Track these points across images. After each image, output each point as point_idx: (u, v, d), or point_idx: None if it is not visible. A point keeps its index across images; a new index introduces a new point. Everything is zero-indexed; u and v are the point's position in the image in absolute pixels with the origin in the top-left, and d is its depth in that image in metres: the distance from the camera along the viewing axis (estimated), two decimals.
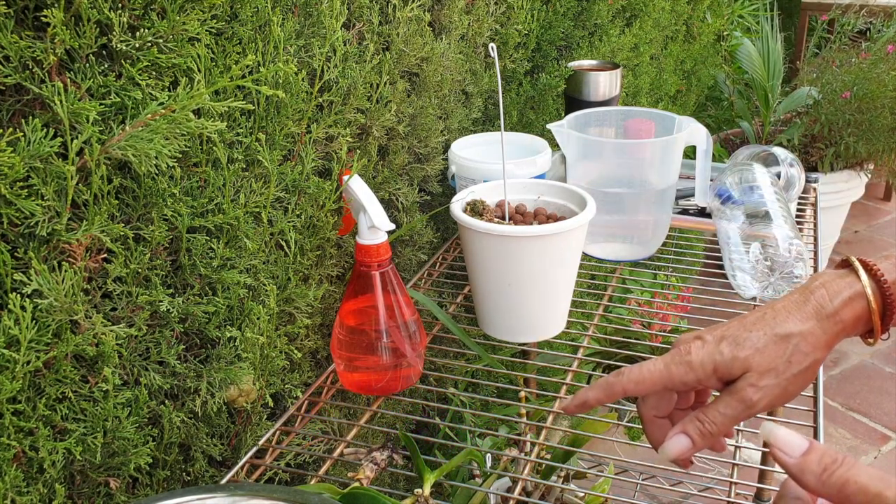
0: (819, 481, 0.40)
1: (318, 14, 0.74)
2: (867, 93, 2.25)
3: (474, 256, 0.80)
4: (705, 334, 0.52)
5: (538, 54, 1.30)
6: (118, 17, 0.52)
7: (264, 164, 0.69)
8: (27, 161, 0.49)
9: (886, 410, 1.93)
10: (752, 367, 0.50)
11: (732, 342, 0.51)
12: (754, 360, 0.50)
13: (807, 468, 0.40)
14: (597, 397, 0.54)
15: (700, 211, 1.10)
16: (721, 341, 0.51)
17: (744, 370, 0.50)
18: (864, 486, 0.39)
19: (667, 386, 0.52)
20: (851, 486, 0.39)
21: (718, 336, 0.52)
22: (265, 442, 0.73)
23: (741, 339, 0.51)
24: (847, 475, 0.39)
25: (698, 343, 0.52)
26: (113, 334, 0.57)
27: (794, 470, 0.41)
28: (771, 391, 0.50)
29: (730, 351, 0.50)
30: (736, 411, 0.50)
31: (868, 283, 0.51)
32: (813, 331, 0.50)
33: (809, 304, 0.51)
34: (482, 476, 1.02)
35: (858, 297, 0.51)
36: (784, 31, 2.68)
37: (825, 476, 0.40)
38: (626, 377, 0.52)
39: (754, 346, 0.50)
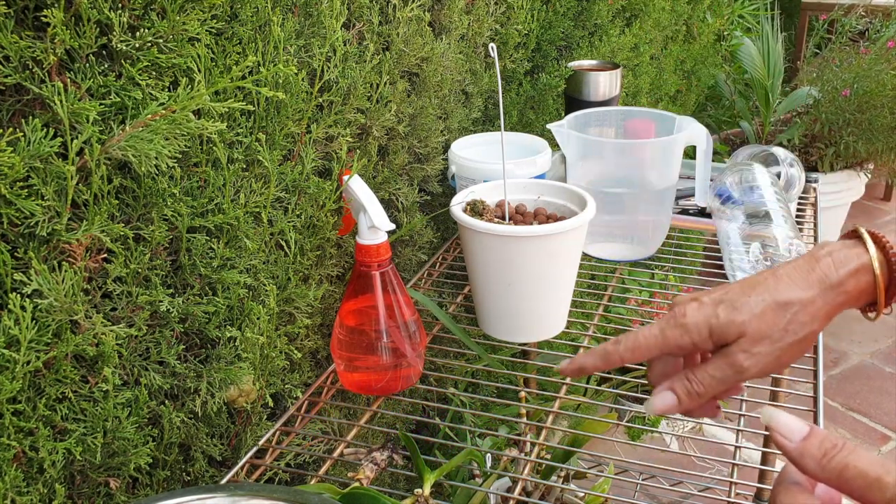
0: (819, 466, 0.40)
1: (318, 14, 0.74)
2: (867, 91, 2.25)
3: (474, 256, 0.80)
4: (703, 296, 0.51)
5: (538, 54, 1.30)
6: (118, 17, 0.52)
7: (264, 164, 0.69)
8: (27, 161, 0.49)
9: (886, 410, 1.93)
10: (746, 332, 0.49)
11: (730, 305, 0.50)
12: (750, 325, 0.49)
13: (807, 452, 0.40)
14: (594, 364, 0.53)
15: (700, 211, 1.10)
16: (718, 304, 0.50)
17: (738, 335, 0.49)
18: (863, 470, 0.38)
19: (663, 350, 0.51)
20: (851, 470, 0.39)
21: (717, 298, 0.51)
22: (265, 442, 0.73)
23: (739, 302, 0.50)
24: (846, 460, 0.39)
25: (694, 305, 0.51)
26: (113, 334, 0.57)
27: (794, 454, 0.41)
28: (763, 358, 0.50)
29: (726, 314, 0.50)
30: (725, 375, 0.50)
31: (876, 254, 0.50)
32: (814, 300, 0.50)
33: (814, 273, 0.50)
34: (482, 476, 1.02)
35: (865, 268, 0.50)
36: (784, 31, 2.68)
37: (825, 461, 0.40)
38: (622, 345, 0.52)
39: (751, 312, 0.49)
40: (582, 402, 1.33)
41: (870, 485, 0.38)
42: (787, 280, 0.50)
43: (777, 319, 0.49)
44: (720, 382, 0.50)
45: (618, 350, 0.52)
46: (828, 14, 2.82)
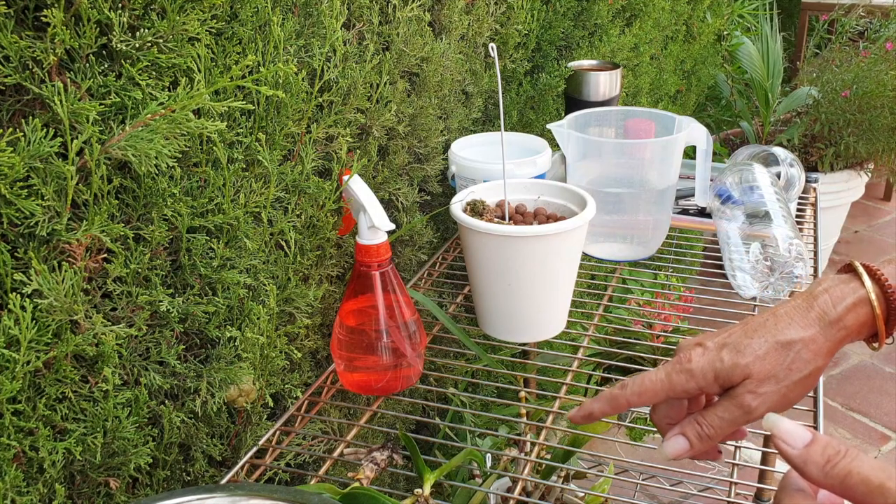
0: (822, 472, 0.40)
1: (318, 14, 0.74)
2: (867, 92, 2.25)
3: (474, 256, 0.80)
4: (706, 340, 0.52)
5: (538, 54, 1.30)
6: (118, 17, 0.52)
7: (264, 164, 0.69)
8: (27, 161, 0.49)
9: (886, 410, 1.93)
10: (752, 374, 0.50)
11: (733, 349, 0.51)
12: (754, 366, 0.50)
13: (810, 459, 0.40)
14: (602, 410, 0.54)
15: (700, 211, 1.10)
16: (722, 348, 0.51)
17: (744, 377, 0.50)
18: (866, 477, 0.39)
19: (669, 395, 0.52)
20: (854, 477, 0.39)
21: (720, 343, 0.52)
22: (265, 442, 0.73)
23: (742, 345, 0.51)
24: (850, 466, 0.39)
25: (699, 350, 0.52)
26: (113, 334, 0.57)
27: (797, 461, 0.41)
28: (770, 398, 0.50)
29: (730, 358, 0.50)
30: (734, 416, 0.51)
31: (872, 288, 0.51)
32: (815, 338, 0.50)
33: (813, 311, 0.51)
34: (482, 476, 1.02)
35: (862, 302, 0.50)
36: (784, 31, 2.68)
37: (828, 467, 0.40)
38: (629, 389, 0.53)
39: (755, 353, 0.50)
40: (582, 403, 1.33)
41: (872, 491, 0.38)
42: (786, 319, 0.51)
43: (781, 359, 0.50)
44: (729, 424, 0.51)
45: (624, 394, 0.53)
46: (828, 14, 2.82)
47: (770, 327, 0.51)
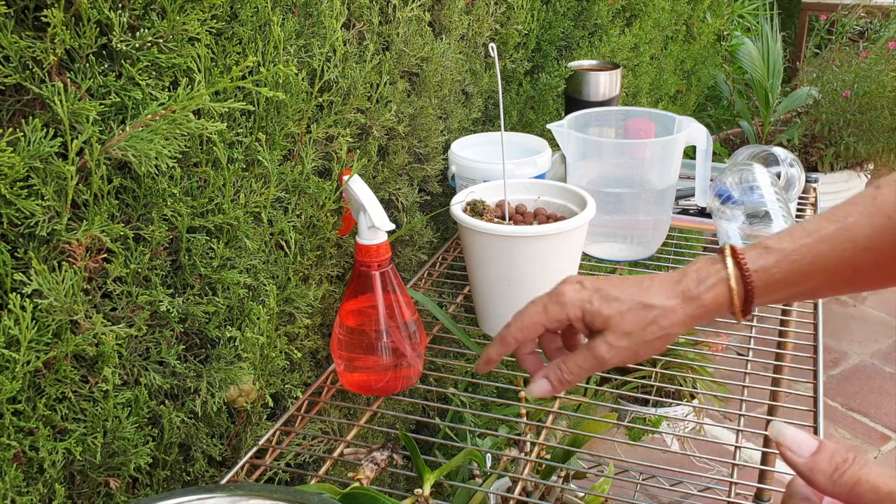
0: (830, 480, 0.40)
1: (318, 14, 0.74)
2: (867, 92, 2.25)
3: (474, 256, 0.80)
4: (586, 280, 0.57)
5: (538, 54, 1.30)
6: (118, 17, 0.52)
7: (264, 164, 0.69)
8: (27, 161, 0.49)
9: (886, 410, 1.93)
10: (611, 326, 0.55)
11: (603, 297, 0.56)
12: (615, 320, 0.55)
13: (817, 467, 0.40)
14: (497, 351, 0.59)
15: (700, 211, 1.10)
16: (595, 292, 0.56)
17: (604, 326, 0.55)
18: (875, 484, 0.38)
19: (546, 326, 0.57)
20: (863, 484, 0.39)
21: (595, 286, 0.57)
22: (265, 442, 0.73)
23: (611, 297, 0.55)
24: (858, 474, 0.39)
25: (576, 286, 0.57)
26: (113, 334, 0.57)
27: (804, 469, 0.41)
28: (623, 352, 0.55)
29: (599, 304, 0.55)
30: (590, 364, 0.56)
31: (733, 270, 0.54)
32: (675, 309, 0.55)
33: (679, 285, 0.55)
34: (482, 476, 1.02)
35: (722, 283, 0.54)
36: (784, 31, 2.68)
37: (836, 475, 0.40)
38: (513, 326, 0.58)
39: (618, 308, 0.55)
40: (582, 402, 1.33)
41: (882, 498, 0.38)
42: (656, 286, 0.56)
43: (639, 318, 0.55)
44: (585, 371, 0.57)
45: (510, 332, 0.58)
46: (828, 14, 2.82)
47: (641, 289, 0.56)
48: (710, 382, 1.55)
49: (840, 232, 0.53)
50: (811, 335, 0.87)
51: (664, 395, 1.59)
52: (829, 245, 0.53)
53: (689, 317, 0.55)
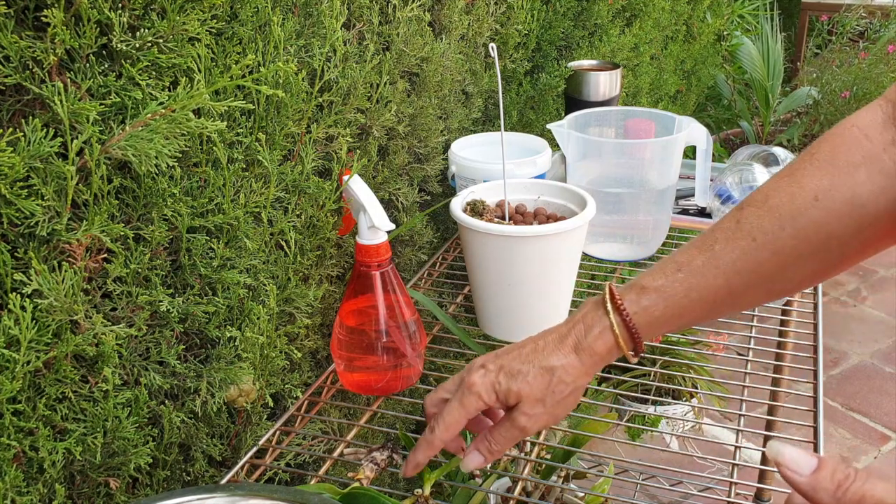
0: (833, 498, 0.39)
1: (318, 14, 0.74)
2: (867, 93, 2.25)
3: (474, 256, 0.80)
4: (488, 363, 0.59)
5: (538, 54, 1.30)
6: (118, 17, 0.52)
7: (264, 164, 0.69)
8: (27, 161, 0.49)
9: (886, 410, 1.93)
10: (523, 398, 0.57)
11: (508, 374, 0.58)
12: (524, 391, 0.57)
13: (819, 486, 0.40)
14: (426, 455, 0.60)
15: (700, 211, 1.10)
16: (500, 371, 0.58)
17: (517, 400, 0.57)
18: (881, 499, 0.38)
19: (469, 418, 0.59)
20: (868, 500, 0.38)
21: (498, 366, 0.59)
22: (265, 442, 0.73)
23: (515, 371, 0.58)
24: (863, 490, 0.39)
25: (481, 372, 0.59)
26: (113, 334, 0.57)
27: (805, 488, 0.40)
28: (540, 417, 0.58)
29: (506, 382, 0.57)
30: (513, 434, 0.59)
31: (614, 318, 0.56)
32: (573, 363, 0.57)
33: (569, 339, 0.58)
34: (482, 476, 1.02)
35: (606, 330, 0.57)
36: (784, 31, 2.68)
37: (839, 493, 0.39)
38: (438, 430, 0.59)
39: (525, 380, 0.57)
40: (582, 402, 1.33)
41: None
42: (551, 347, 0.58)
43: (545, 383, 0.57)
44: (511, 440, 0.59)
45: (437, 436, 0.59)
46: (828, 14, 2.82)
47: (538, 353, 0.58)
48: (710, 382, 1.55)
49: (709, 262, 0.55)
50: (811, 335, 0.87)
51: (663, 395, 1.59)
52: (699, 277, 0.55)
53: (589, 366, 0.57)
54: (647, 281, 0.56)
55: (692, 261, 0.55)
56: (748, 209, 0.54)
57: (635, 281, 0.57)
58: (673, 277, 0.55)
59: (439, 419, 0.59)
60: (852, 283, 2.53)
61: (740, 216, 0.55)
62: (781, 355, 0.96)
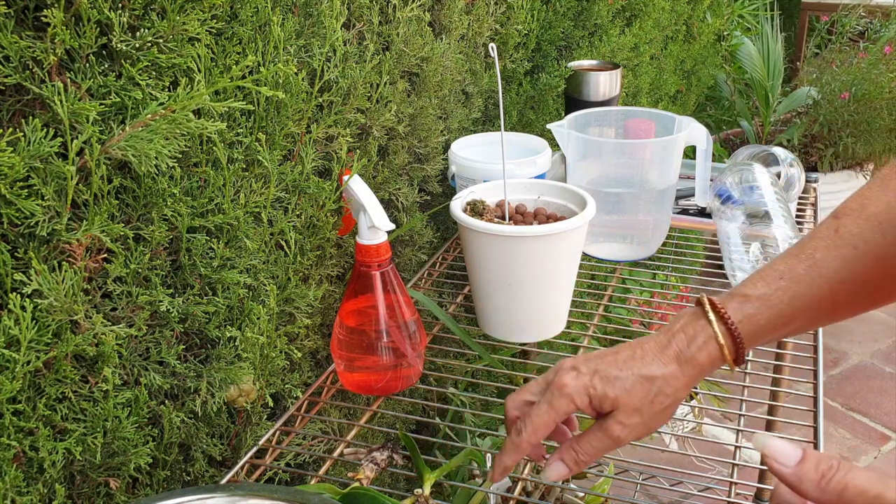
0: (818, 488, 0.40)
1: (318, 14, 0.74)
2: (865, 94, 2.26)
3: (474, 256, 0.80)
4: (580, 364, 0.57)
5: (538, 54, 1.30)
6: (118, 17, 0.52)
7: (264, 164, 0.69)
8: (27, 161, 0.49)
9: (886, 410, 1.93)
10: (619, 406, 0.55)
11: (604, 379, 0.55)
12: (622, 399, 0.54)
13: (804, 476, 0.41)
14: (512, 459, 0.58)
15: (700, 211, 1.10)
16: (594, 375, 0.55)
17: (613, 408, 0.55)
18: (863, 489, 0.39)
19: (557, 421, 0.57)
20: (851, 489, 0.39)
21: (592, 369, 0.56)
22: (265, 442, 0.73)
23: (612, 376, 0.55)
24: (845, 479, 0.40)
25: (573, 374, 0.56)
26: (113, 334, 0.57)
27: (791, 479, 0.41)
28: (636, 428, 0.55)
29: (602, 387, 0.55)
30: (604, 444, 0.56)
31: (718, 327, 0.55)
32: (674, 374, 0.55)
33: (671, 349, 0.55)
34: (482, 476, 1.02)
35: (711, 340, 0.55)
36: (784, 31, 2.68)
37: (823, 483, 0.40)
38: (526, 433, 0.57)
39: (623, 387, 0.55)
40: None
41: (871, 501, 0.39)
42: (650, 356, 0.56)
43: (645, 392, 0.55)
44: (600, 451, 0.57)
45: (524, 438, 0.57)
46: (828, 14, 2.82)
47: (636, 361, 0.55)
48: (710, 382, 1.55)
49: (811, 270, 0.54)
50: (811, 335, 0.87)
51: None
52: (803, 285, 0.54)
53: (690, 378, 0.55)
54: (748, 289, 0.55)
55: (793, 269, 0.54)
56: (845, 218, 0.54)
57: (735, 290, 0.56)
58: (776, 285, 0.54)
59: (527, 421, 0.57)
60: None
61: (838, 225, 0.54)
62: (781, 355, 0.96)
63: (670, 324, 0.57)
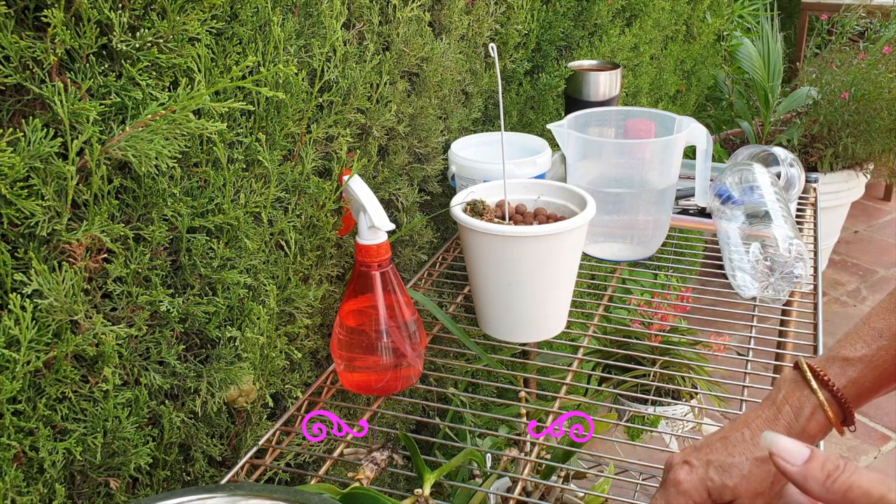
0: (823, 488, 0.41)
1: (318, 14, 0.74)
2: (865, 94, 2.26)
3: (474, 256, 0.80)
4: (691, 457, 0.55)
5: (538, 54, 1.30)
6: (118, 17, 0.52)
7: (264, 164, 0.69)
8: (27, 161, 0.49)
9: (886, 410, 1.93)
10: (741, 493, 0.53)
11: (720, 468, 0.54)
12: (741, 487, 0.53)
13: (810, 475, 0.42)
14: None
15: (700, 211, 1.10)
16: (709, 466, 0.54)
17: (734, 497, 0.53)
18: (867, 490, 0.40)
19: None
20: (855, 490, 0.40)
21: (705, 460, 0.55)
22: (265, 442, 0.73)
23: (727, 465, 0.54)
24: (850, 480, 0.40)
25: (686, 468, 0.55)
26: (113, 334, 0.57)
27: (797, 478, 0.42)
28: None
29: (720, 478, 0.54)
30: None
31: (821, 394, 0.54)
32: None
33: (780, 423, 0.55)
34: (482, 476, 1.02)
35: (818, 409, 0.54)
36: (784, 31, 2.68)
37: (829, 483, 0.41)
38: None
39: (741, 474, 0.53)
40: (582, 402, 1.33)
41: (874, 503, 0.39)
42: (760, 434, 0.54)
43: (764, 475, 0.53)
44: None
45: None
46: (828, 14, 2.82)
47: (748, 443, 0.54)
48: (710, 382, 1.55)
49: None
50: (811, 335, 0.87)
51: (663, 395, 1.59)
52: None
53: None
54: (847, 352, 0.54)
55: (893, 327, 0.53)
56: None
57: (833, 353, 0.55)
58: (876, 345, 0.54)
59: None
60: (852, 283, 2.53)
61: None
62: (781, 355, 0.96)
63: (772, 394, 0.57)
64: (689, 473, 0.54)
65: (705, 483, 0.54)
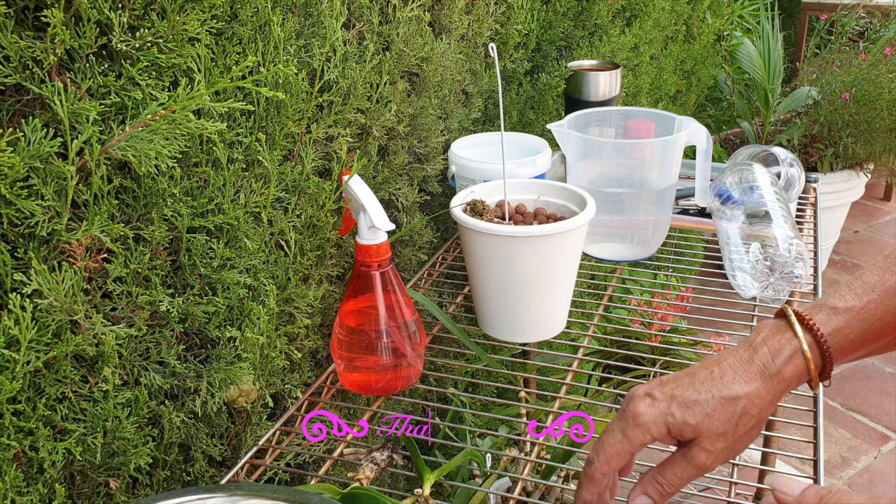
0: None
1: (318, 14, 0.74)
2: (865, 94, 2.25)
3: (474, 256, 0.80)
4: (654, 390, 0.53)
5: (538, 54, 1.30)
6: (118, 17, 0.52)
7: (264, 164, 0.69)
8: (27, 161, 0.49)
9: (886, 410, 1.93)
10: (702, 433, 0.52)
11: (683, 405, 0.52)
12: (704, 425, 0.51)
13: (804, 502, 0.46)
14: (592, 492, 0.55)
15: (700, 211, 1.10)
16: (672, 401, 0.52)
17: (695, 435, 0.52)
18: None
19: (631, 452, 0.54)
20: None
21: (668, 395, 0.53)
22: (265, 442, 0.73)
23: (690, 402, 0.52)
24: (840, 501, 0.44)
25: (648, 401, 0.53)
26: (113, 334, 0.57)
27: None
28: (721, 453, 0.52)
29: (681, 414, 0.52)
30: (690, 473, 0.53)
31: (804, 338, 0.52)
32: (759, 392, 0.52)
33: (754, 364, 0.52)
34: (482, 476, 1.02)
35: (797, 353, 0.52)
36: (784, 31, 2.68)
37: None
38: (598, 463, 0.54)
39: (704, 412, 0.51)
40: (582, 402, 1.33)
41: None
42: (730, 373, 0.52)
43: (728, 415, 0.52)
44: (686, 481, 0.53)
45: (597, 469, 0.54)
46: (828, 14, 2.82)
47: (716, 381, 0.52)
48: None
49: None
50: None
51: None
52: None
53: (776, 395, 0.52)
54: (835, 301, 0.53)
55: (885, 282, 0.52)
56: None
57: (822, 302, 0.53)
58: (867, 298, 0.52)
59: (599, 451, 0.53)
60: None
61: None
62: None
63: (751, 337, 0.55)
64: (650, 406, 0.52)
65: (666, 418, 0.52)
